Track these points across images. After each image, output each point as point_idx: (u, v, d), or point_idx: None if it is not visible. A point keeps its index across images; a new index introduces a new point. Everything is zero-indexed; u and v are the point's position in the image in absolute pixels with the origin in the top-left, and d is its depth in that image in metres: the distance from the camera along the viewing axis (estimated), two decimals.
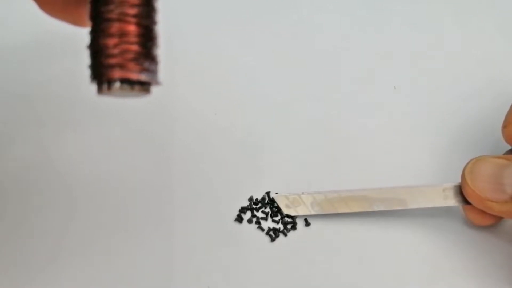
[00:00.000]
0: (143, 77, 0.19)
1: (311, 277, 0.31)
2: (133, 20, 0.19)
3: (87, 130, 0.34)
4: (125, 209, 0.32)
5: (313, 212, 0.31)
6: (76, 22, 0.23)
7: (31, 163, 0.33)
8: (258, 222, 0.32)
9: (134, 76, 0.19)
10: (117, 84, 0.19)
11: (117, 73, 0.19)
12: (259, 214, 0.32)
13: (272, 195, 0.33)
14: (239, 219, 0.32)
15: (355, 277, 0.31)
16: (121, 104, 0.28)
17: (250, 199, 0.33)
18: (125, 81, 0.19)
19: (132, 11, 0.19)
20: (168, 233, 0.31)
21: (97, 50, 0.19)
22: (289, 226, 0.32)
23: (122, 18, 0.19)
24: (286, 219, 0.32)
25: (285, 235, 0.32)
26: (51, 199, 0.32)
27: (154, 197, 0.32)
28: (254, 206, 0.33)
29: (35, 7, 0.24)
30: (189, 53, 0.37)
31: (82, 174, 0.33)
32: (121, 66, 0.19)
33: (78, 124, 0.35)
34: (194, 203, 0.32)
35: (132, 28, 0.19)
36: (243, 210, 0.32)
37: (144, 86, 0.20)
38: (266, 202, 0.33)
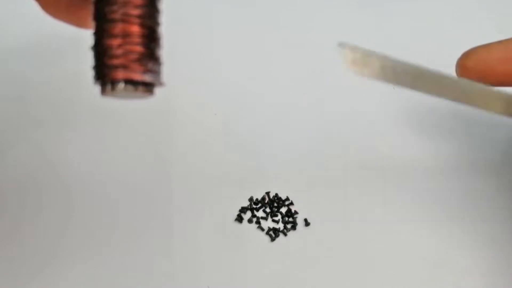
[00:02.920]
0: (146, 77, 0.19)
1: (311, 277, 0.31)
2: (136, 20, 0.19)
3: (86, 131, 0.34)
4: (124, 209, 0.32)
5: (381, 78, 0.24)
6: (79, 23, 0.23)
7: (30, 164, 0.33)
8: (258, 222, 0.32)
9: (138, 76, 0.19)
10: (121, 85, 0.19)
11: (120, 74, 0.19)
12: (259, 214, 0.32)
13: (272, 194, 0.33)
14: (239, 219, 0.32)
15: (355, 277, 0.31)
16: (120, 105, 0.28)
17: (250, 199, 0.33)
18: (128, 82, 0.19)
19: (136, 11, 0.19)
20: (168, 233, 0.31)
21: (100, 50, 0.19)
22: (289, 226, 0.32)
23: (125, 19, 0.19)
24: (286, 218, 0.32)
25: (285, 234, 0.32)
26: (50, 200, 0.32)
27: (154, 197, 0.33)
28: (254, 206, 0.33)
29: (35, 8, 0.24)
30: (189, 53, 0.37)
31: (81, 175, 0.33)
32: (125, 67, 0.19)
33: (77, 125, 0.35)
34: (194, 203, 0.32)
35: (135, 29, 0.19)
36: (243, 210, 0.32)
37: (148, 87, 0.20)
38: (266, 202, 0.33)
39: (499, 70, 0.27)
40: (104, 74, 0.19)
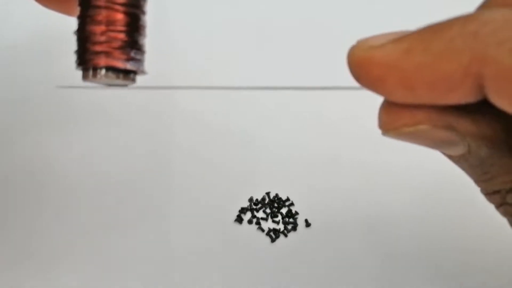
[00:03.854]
0: (128, 65, 0.20)
1: (311, 277, 0.30)
2: (121, 8, 0.19)
3: (85, 129, 0.35)
4: (124, 210, 0.32)
5: None
6: (71, 12, 0.23)
7: (31, 164, 0.33)
8: (258, 223, 0.32)
9: (120, 64, 0.19)
10: (103, 71, 0.19)
11: (103, 61, 0.19)
12: (260, 214, 0.32)
13: (272, 195, 0.33)
14: (239, 219, 0.32)
15: (356, 277, 0.30)
16: (120, 105, 0.28)
17: (250, 199, 0.33)
18: (110, 69, 0.20)
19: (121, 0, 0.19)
20: (168, 234, 0.31)
21: (84, 36, 0.20)
22: (289, 227, 0.32)
23: (110, 6, 0.19)
24: (287, 219, 0.32)
25: (286, 235, 0.32)
26: (50, 199, 0.32)
27: (154, 198, 0.32)
28: (254, 207, 0.32)
29: (33, 8, 0.24)
30: (189, 53, 0.38)
31: (80, 174, 0.33)
32: (107, 54, 0.19)
33: (77, 124, 0.35)
34: (194, 203, 0.32)
35: (119, 17, 0.19)
36: (243, 210, 0.32)
37: (129, 75, 0.20)
38: (266, 202, 0.33)
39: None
40: (87, 60, 0.20)
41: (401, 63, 0.16)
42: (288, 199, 0.33)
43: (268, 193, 0.33)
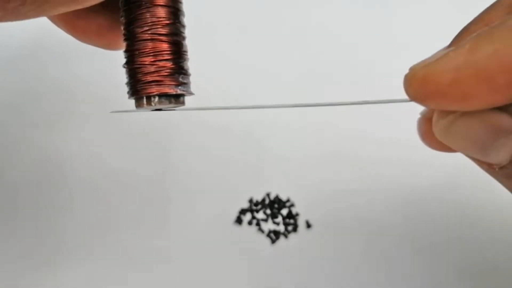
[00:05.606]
0: (178, 90, 0.21)
1: (312, 279, 0.30)
2: (165, 38, 0.21)
3: (87, 131, 0.34)
4: (124, 211, 0.32)
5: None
6: (108, 45, 0.24)
7: (33, 165, 0.32)
8: (258, 224, 0.32)
9: (171, 90, 0.21)
10: (156, 99, 0.21)
11: (154, 89, 0.20)
12: (260, 215, 0.32)
13: (272, 195, 0.32)
14: (239, 220, 0.31)
15: (357, 279, 0.30)
16: (119, 105, 0.28)
17: (250, 200, 0.32)
18: (162, 96, 0.21)
19: (164, 30, 0.21)
20: (168, 235, 0.31)
21: (134, 68, 0.21)
22: (290, 228, 0.31)
23: (155, 38, 0.20)
24: (287, 220, 0.32)
25: (286, 237, 0.31)
26: (51, 199, 0.32)
27: (153, 199, 0.32)
28: (254, 208, 0.32)
29: None
30: (189, 52, 0.37)
31: (81, 175, 0.32)
32: (158, 82, 0.20)
33: (78, 125, 0.34)
34: (193, 204, 0.32)
35: (165, 46, 0.21)
36: (243, 211, 0.32)
37: (179, 98, 0.21)
38: (266, 203, 0.32)
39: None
40: (139, 90, 0.21)
41: (470, 60, 0.16)
42: (288, 200, 0.32)
43: (268, 194, 0.32)
